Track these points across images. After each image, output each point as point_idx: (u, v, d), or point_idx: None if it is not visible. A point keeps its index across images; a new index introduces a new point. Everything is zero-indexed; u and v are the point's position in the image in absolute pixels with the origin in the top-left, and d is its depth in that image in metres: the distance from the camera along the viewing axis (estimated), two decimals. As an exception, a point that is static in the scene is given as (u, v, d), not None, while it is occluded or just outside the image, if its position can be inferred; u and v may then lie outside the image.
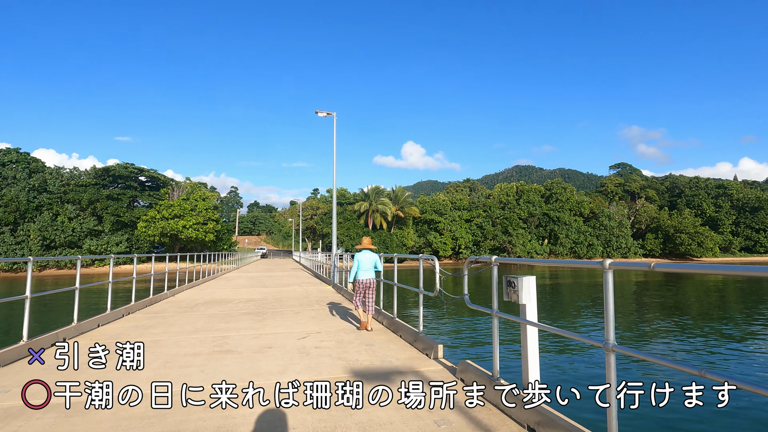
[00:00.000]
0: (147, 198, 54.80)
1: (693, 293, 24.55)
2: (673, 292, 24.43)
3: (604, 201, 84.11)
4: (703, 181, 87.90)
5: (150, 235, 46.75)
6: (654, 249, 74.75)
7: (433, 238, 66.26)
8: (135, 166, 54.04)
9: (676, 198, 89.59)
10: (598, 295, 21.94)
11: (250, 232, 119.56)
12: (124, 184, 54.63)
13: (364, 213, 64.79)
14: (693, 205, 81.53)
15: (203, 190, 52.58)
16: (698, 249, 71.81)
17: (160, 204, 48.17)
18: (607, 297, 2.33)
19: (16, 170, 49.30)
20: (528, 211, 72.46)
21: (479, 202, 76.42)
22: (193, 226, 47.09)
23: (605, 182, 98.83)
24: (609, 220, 75.09)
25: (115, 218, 49.97)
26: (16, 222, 46.63)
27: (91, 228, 48.54)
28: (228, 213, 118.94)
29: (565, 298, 21.90)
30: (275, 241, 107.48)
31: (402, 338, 5.99)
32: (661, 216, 77.24)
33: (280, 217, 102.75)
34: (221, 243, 54.55)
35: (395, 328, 6.48)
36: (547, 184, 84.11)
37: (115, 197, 51.51)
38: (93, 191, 50.22)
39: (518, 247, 66.59)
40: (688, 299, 21.70)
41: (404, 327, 6.15)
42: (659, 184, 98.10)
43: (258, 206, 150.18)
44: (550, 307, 18.20)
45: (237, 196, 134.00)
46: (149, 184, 57.99)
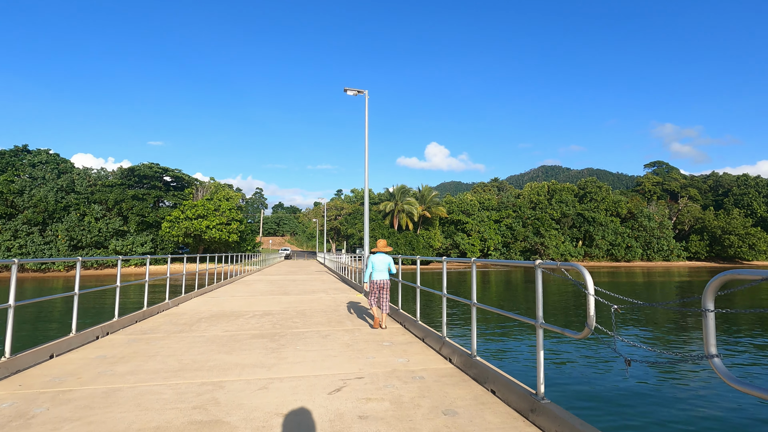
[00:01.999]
0: (172, 198, 54.30)
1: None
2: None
3: (642, 201, 79.03)
4: (752, 179, 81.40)
5: (174, 236, 46.08)
6: (699, 251, 69.45)
7: (461, 239, 63.42)
8: (160, 165, 53.56)
9: (722, 197, 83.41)
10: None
11: (275, 233, 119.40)
12: (149, 184, 54.26)
13: (390, 213, 62.57)
14: (742, 204, 75.48)
15: (227, 190, 51.63)
16: (749, 252, 66.19)
17: (184, 204, 47.43)
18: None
19: (46, 171, 49.55)
20: (561, 212, 68.59)
21: (508, 203, 72.99)
22: (217, 227, 46.17)
23: (642, 181, 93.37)
24: (649, 220, 70.28)
25: (140, 218, 49.52)
26: (45, 222, 46.71)
27: (116, 228, 48.23)
28: (253, 214, 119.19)
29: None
30: (299, 242, 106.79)
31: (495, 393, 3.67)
32: (707, 216, 71.77)
33: (304, 218, 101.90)
34: (245, 244, 53.52)
35: (471, 368, 4.17)
36: (580, 183, 79.76)
37: (141, 197, 51.07)
38: (119, 191, 49.94)
39: (551, 249, 62.92)
40: None
41: (497, 375, 3.84)
42: (701, 183, 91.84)
43: (282, 207, 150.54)
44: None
45: (262, 197, 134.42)
46: (174, 184, 57.58)
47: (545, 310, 17.76)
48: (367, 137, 10.90)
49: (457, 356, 4.68)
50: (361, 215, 65.32)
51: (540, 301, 3.25)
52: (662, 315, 16.93)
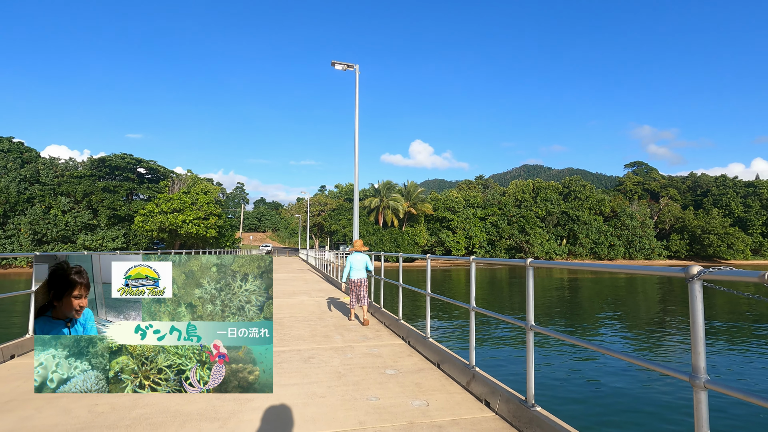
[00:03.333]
0: (146, 191, 51.42)
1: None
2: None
3: (625, 200, 79.67)
4: (730, 180, 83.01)
5: (148, 230, 43.47)
6: (680, 250, 70.29)
7: (446, 236, 62.42)
8: (133, 156, 50.55)
9: (701, 197, 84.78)
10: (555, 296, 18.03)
11: (256, 228, 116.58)
12: (121, 176, 51.12)
13: (375, 209, 61.04)
14: (721, 204, 76.78)
15: (204, 183, 49.22)
16: (728, 251, 67.27)
17: (159, 197, 44.82)
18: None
19: (8, 160, 46.16)
20: (546, 210, 68.32)
21: (494, 200, 72.39)
22: (194, 221, 43.79)
23: (624, 180, 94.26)
24: (631, 219, 70.73)
25: (112, 212, 46.59)
26: (6, 215, 43.47)
27: (85, 222, 45.21)
28: (233, 209, 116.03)
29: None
30: (281, 239, 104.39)
31: None
32: (687, 216, 72.71)
33: (286, 214, 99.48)
34: (224, 239, 51.21)
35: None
36: (564, 181, 79.86)
37: (112, 189, 48.06)
38: (88, 183, 46.85)
39: (536, 247, 62.54)
40: None
41: None
42: (680, 183, 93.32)
43: (264, 203, 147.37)
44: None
45: (243, 192, 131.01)
46: (149, 177, 54.62)
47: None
48: (358, 117, 9.39)
49: (501, 401, 3.24)
50: (345, 211, 63.63)
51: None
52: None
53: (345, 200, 68.76)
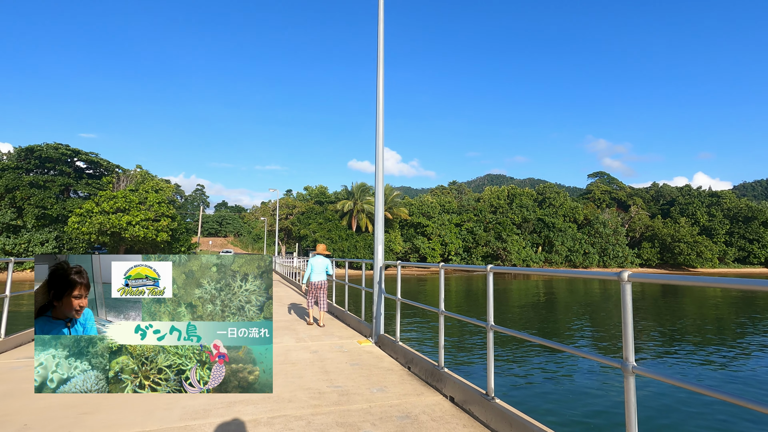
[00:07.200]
0: (85, 188, 47.83)
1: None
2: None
3: (596, 208, 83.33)
4: (695, 190, 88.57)
5: (85, 233, 40.23)
6: (651, 258, 74.04)
7: (421, 243, 63.13)
8: (69, 147, 46.78)
9: (667, 206, 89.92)
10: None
11: (216, 233, 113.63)
12: (54, 169, 47.31)
13: (348, 213, 61.02)
14: (687, 213, 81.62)
15: (156, 181, 47.21)
16: (697, 259, 71.43)
17: (100, 195, 41.80)
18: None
19: None
20: (522, 216, 70.44)
21: (468, 206, 73.97)
22: (141, 223, 41.37)
23: (592, 189, 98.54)
24: (604, 227, 73.98)
25: (41, 211, 42.84)
26: None
27: (7, 222, 41.46)
28: (192, 212, 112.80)
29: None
30: (244, 244, 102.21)
31: None
32: (656, 224, 76.79)
33: (250, 218, 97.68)
34: (177, 244, 49.05)
35: None
36: (539, 188, 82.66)
37: (42, 185, 44.23)
38: (12, 176, 42.78)
39: (513, 255, 64.26)
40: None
41: None
42: (644, 193, 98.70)
43: (226, 206, 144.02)
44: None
45: (203, 195, 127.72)
46: (89, 172, 51.11)
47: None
48: (382, 51, 7.52)
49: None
50: (316, 214, 63.10)
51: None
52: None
53: (315, 203, 68.34)
